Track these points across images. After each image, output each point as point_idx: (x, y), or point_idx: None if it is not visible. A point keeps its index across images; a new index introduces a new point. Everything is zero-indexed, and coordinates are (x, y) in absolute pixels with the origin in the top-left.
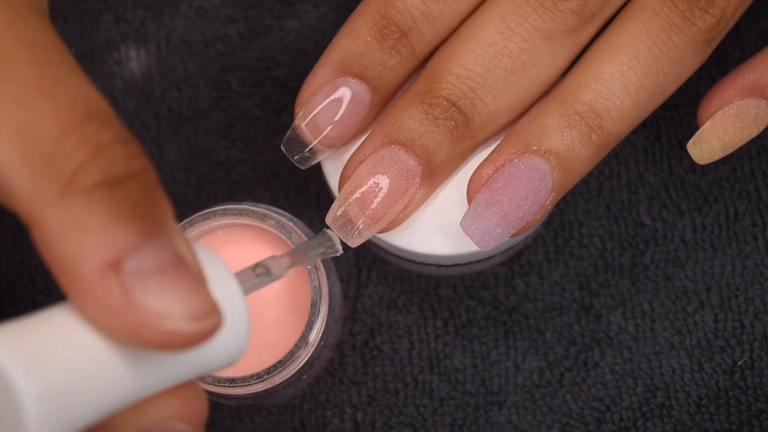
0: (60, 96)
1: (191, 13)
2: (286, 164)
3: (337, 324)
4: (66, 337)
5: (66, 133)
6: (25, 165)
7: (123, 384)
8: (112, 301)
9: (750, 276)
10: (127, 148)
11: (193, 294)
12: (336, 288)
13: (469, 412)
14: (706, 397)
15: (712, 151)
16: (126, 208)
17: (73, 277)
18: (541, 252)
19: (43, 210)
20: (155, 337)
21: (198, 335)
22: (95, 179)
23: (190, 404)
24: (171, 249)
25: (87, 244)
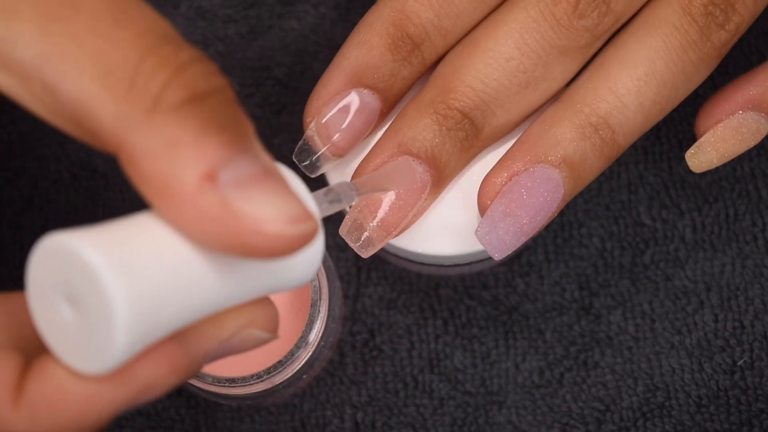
0: (132, 23)
1: (191, 13)
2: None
3: (337, 324)
4: (155, 243)
5: (145, 57)
6: (109, 92)
7: (210, 293)
8: (213, 211)
9: (750, 276)
10: (205, 66)
11: (289, 199)
12: (336, 288)
13: (469, 412)
14: (706, 397)
15: (709, 162)
16: (214, 122)
17: (170, 193)
18: (541, 252)
19: (132, 133)
20: (259, 242)
21: (299, 238)
22: (181, 96)
23: (264, 311)
24: (261, 160)
25: (181, 159)
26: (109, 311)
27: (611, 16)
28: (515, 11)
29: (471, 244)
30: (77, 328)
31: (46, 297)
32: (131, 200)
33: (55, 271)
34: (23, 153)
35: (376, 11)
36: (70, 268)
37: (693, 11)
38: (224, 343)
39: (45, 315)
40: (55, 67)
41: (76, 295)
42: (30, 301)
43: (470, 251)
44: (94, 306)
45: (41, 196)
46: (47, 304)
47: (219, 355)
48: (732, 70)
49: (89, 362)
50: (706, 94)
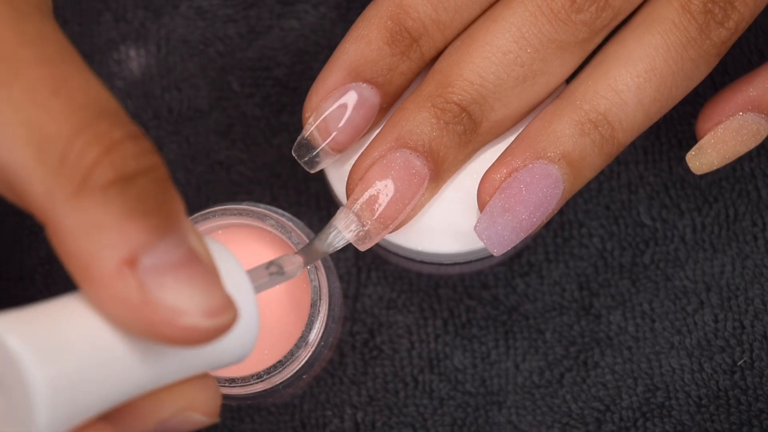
0: (71, 94)
1: (191, 13)
2: (286, 164)
3: (337, 324)
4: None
5: (78, 132)
6: (40, 165)
7: (134, 374)
8: (129, 298)
9: (750, 276)
10: (138, 144)
11: (208, 289)
12: (336, 288)
13: (469, 412)
14: (706, 397)
15: (710, 163)
16: (140, 205)
17: (90, 274)
18: (541, 252)
19: (59, 209)
20: (172, 333)
21: (214, 330)
22: (109, 177)
23: (205, 395)
24: (185, 245)
25: (103, 242)
26: (29, 395)
27: (609, 11)
28: (513, 6)
29: (471, 242)
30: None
31: None
32: None
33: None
34: None
35: (375, 6)
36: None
37: (692, 9)
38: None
39: None
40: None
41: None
42: None
43: (470, 249)
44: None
45: None
46: None
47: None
48: (732, 70)
49: None
50: (705, 93)
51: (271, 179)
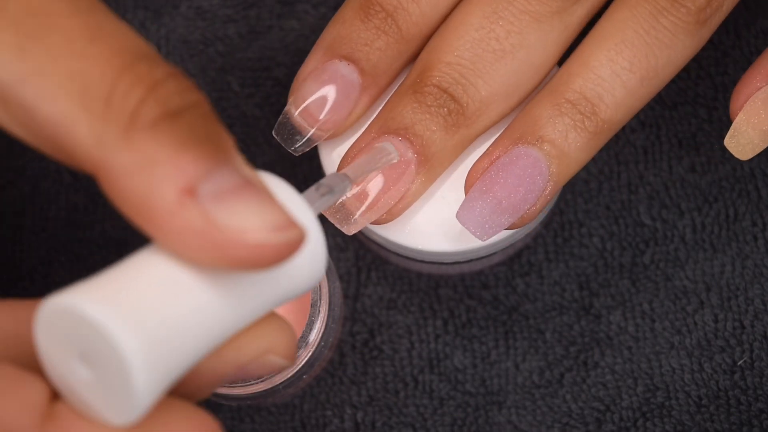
0: (107, 40)
1: (191, 13)
2: (286, 164)
3: (337, 324)
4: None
5: (120, 75)
6: (85, 111)
7: (218, 317)
8: (194, 225)
9: (750, 276)
10: (180, 82)
11: (271, 208)
12: (336, 288)
13: (469, 412)
14: (706, 397)
15: (751, 143)
16: (191, 137)
17: (151, 210)
18: (541, 252)
19: (110, 152)
20: (243, 253)
21: (284, 246)
22: (156, 113)
23: (282, 338)
24: (240, 172)
25: (160, 176)
26: (125, 365)
27: None
28: None
29: (471, 241)
30: (96, 384)
31: (59, 358)
32: None
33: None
34: (23, 153)
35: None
36: (77, 328)
37: None
38: (242, 368)
39: (61, 375)
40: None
41: (89, 353)
42: (44, 363)
43: (470, 248)
44: (109, 361)
45: (41, 196)
46: (61, 365)
47: (235, 379)
48: (732, 71)
49: (115, 415)
50: (706, 94)
51: None
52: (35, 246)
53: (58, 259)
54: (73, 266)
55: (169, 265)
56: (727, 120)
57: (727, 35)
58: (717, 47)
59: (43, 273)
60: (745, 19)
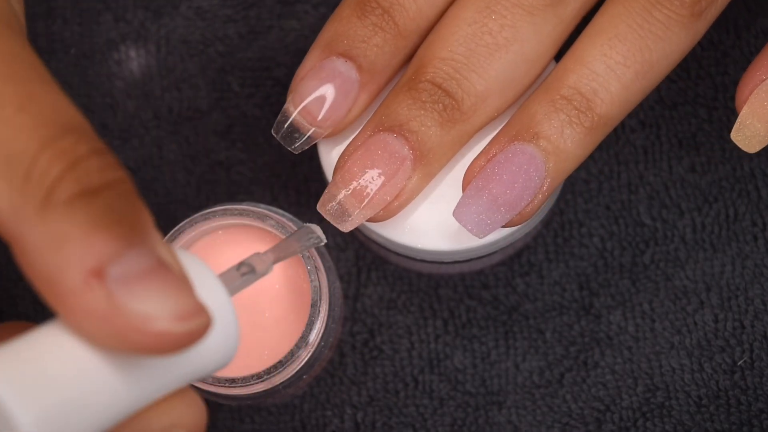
0: (36, 111)
1: (191, 13)
2: (286, 164)
3: (337, 324)
4: (57, 357)
5: (42, 148)
6: (5, 182)
7: (119, 397)
8: (98, 308)
9: (750, 276)
10: (102, 159)
11: (178, 295)
12: (336, 288)
13: (469, 412)
14: (706, 397)
15: (758, 135)
16: (105, 217)
17: (58, 288)
18: (541, 252)
19: (24, 226)
20: (145, 340)
21: (187, 335)
22: (73, 191)
23: (191, 413)
24: (153, 254)
25: (69, 255)
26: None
27: None
28: None
29: (471, 239)
30: None
31: None
32: None
33: None
34: None
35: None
36: None
37: None
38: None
39: None
40: None
41: None
42: None
43: (470, 247)
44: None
45: None
46: None
47: None
48: (732, 71)
49: None
50: (706, 94)
51: (271, 179)
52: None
53: None
54: None
55: (72, 342)
56: (727, 120)
57: (727, 35)
58: (717, 47)
59: None
60: (745, 19)
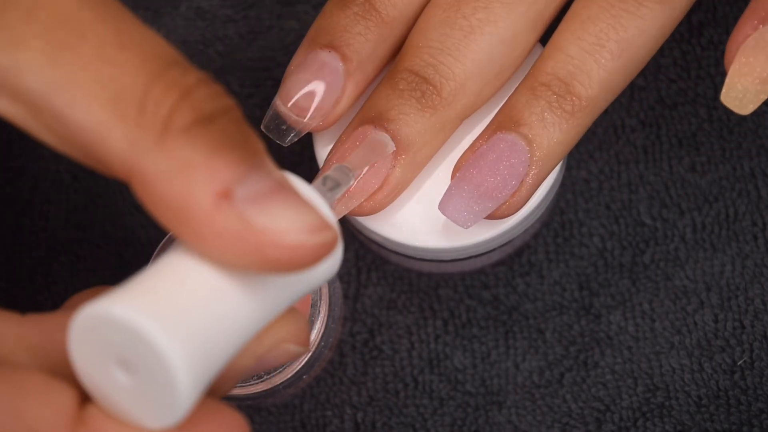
0: (138, 47)
1: (191, 13)
2: (287, 164)
3: (337, 324)
4: (189, 284)
5: (153, 81)
6: (119, 119)
7: (250, 317)
8: (232, 229)
9: (750, 276)
10: (211, 87)
11: (306, 210)
12: (336, 288)
13: (469, 412)
14: (706, 397)
15: (747, 94)
16: (224, 141)
17: (188, 214)
18: (542, 251)
19: (145, 158)
20: (281, 255)
21: (321, 247)
22: (190, 118)
23: (297, 326)
24: (275, 174)
25: (195, 180)
26: (169, 371)
27: None
28: None
29: (470, 236)
30: (135, 390)
31: (94, 365)
32: (131, 200)
33: (100, 340)
34: (23, 153)
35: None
36: (116, 335)
37: None
38: (261, 359)
39: (96, 381)
40: (64, 96)
41: (128, 359)
42: (77, 369)
43: (467, 244)
44: (151, 367)
45: (41, 196)
46: (96, 372)
47: (254, 371)
48: None
49: (155, 419)
50: (706, 94)
51: None
52: (35, 246)
53: (58, 259)
54: (73, 266)
55: (201, 268)
56: (727, 120)
57: (727, 35)
58: (717, 47)
59: (43, 273)
60: None
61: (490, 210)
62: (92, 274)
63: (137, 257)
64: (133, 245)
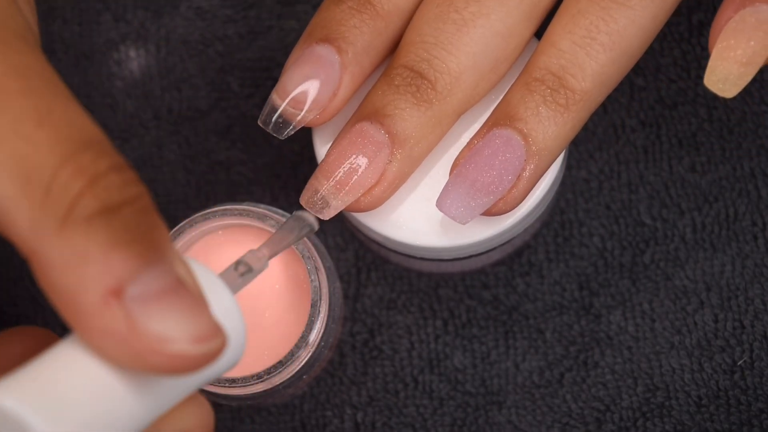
0: (55, 125)
1: (191, 13)
2: (286, 164)
3: (337, 324)
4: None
5: (62, 164)
6: (25, 197)
7: (136, 411)
8: (116, 329)
9: (750, 276)
10: (122, 175)
11: (195, 316)
12: (336, 288)
13: (469, 412)
14: (706, 397)
15: (730, 77)
16: (125, 235)
17: (76, 307)
18: (542, 251)
19: (43, 242)
20: (162, 362)
21: (203, 357)
22: (93, 208)
23: (200, 413)
24: (171, 273)
25: (88, 273)
26: None
27: None
28: None
29: (470, 235)
30: None
31: None
32: None
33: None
34: None
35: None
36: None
37: None
38: None
39: None
40: None
41: None
42: None
43: (469, 242)
44: None
45: None
46: None
47: None
48: None
49: None
50: (706, 93)
51: (271, 179)
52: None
53: None
54: None
55: (90, 361)
56: (727, 120)
57: None
58: None
59: None
60: None
61: (487, 205)
62: None
63: None
64: None
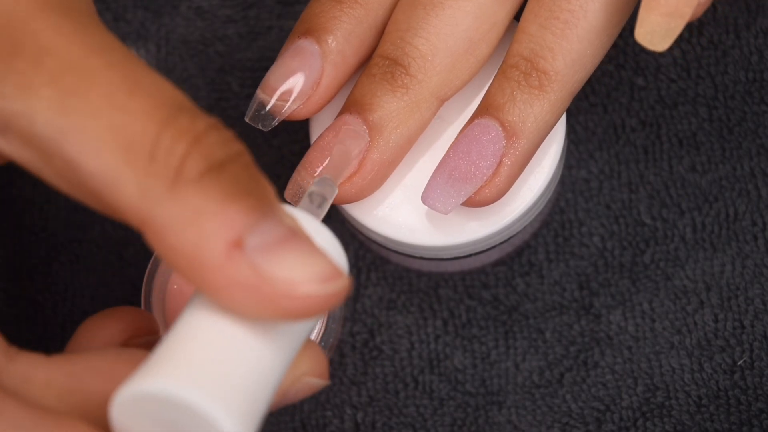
0: (146, 93)
1: (191, 13)
2: (286, 164)
3: (337, 324)
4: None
5: (162, 129)
6: (130, 166)
7: (276, 362)
8: (244, 279)
9: (750, 276)
10: (221, 133)
11: (317, 259)
12: None
13: (469, 412)
14: (706, 397)
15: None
16: (236, 189)
17: (201, 264)
18: (542, 251)
19: (156, 207)
20: (294, 306)
21: (332, 296)
22: (201, 167)
23: (315, 360)
24: (284, 221)
25: (207, 229)
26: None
27: None
28: None
29: (469, 233)
30: None
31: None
32: None
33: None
34: None
35: None
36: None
37: None
38: (285, 395)
39: None
40: (75, 143)
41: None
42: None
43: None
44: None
45: (41, 196)
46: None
47: (278, 407)
48: (732, 71)
49: None
50: (706, 93)
51: (271, 179)
52: (35, 246)
53: (58, 259)
54: (73, 266)
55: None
56: (727, 120)
57: (727, 35)
58: (717, 47)
59: (43, 273)
60: (745, 19)
61: (468, 193)
62: (92, 274)
63: (137, 257)
64: (133, 245)
